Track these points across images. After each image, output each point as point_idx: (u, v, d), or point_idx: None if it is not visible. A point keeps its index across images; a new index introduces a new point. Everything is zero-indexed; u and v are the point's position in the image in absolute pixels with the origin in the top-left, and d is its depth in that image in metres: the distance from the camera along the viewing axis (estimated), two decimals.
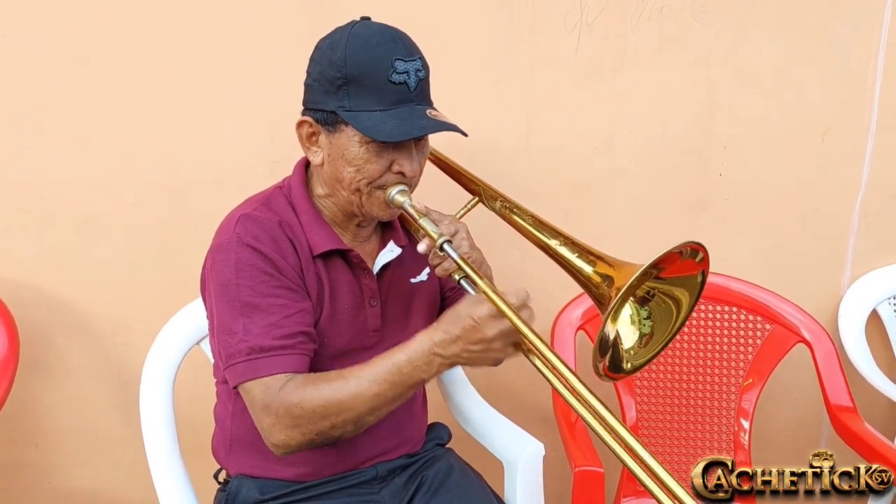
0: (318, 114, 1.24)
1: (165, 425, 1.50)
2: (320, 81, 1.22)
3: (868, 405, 1.89)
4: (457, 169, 1.50)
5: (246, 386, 1.21)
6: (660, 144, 1.94)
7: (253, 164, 1.83)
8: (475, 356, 1.15)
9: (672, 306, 1.19)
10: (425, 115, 1.21)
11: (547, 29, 1.83)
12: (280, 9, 1.76)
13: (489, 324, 1.12)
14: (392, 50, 1.19)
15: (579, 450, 1.56)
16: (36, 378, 1.93)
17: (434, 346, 1.15)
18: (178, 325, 1.57)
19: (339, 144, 1.23)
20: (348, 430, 1.20)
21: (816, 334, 1.84)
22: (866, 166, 2.00)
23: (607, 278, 1.15)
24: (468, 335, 1.13)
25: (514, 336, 1.13)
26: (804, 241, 2.03)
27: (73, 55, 1.75)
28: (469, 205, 1.44)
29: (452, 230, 1.28)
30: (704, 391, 1.90)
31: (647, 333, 1.20)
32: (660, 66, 1.89)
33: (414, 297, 1.42)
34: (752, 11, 1.87)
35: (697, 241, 1.11)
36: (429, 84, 1.26)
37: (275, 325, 1.21)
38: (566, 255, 1.22)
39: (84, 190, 1.83)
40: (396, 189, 1.25)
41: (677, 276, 1.17)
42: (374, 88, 1.19)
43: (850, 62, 1.93)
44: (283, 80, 1.80)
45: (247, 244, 1.23)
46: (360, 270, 1.34)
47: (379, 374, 1.17)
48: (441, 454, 1.50)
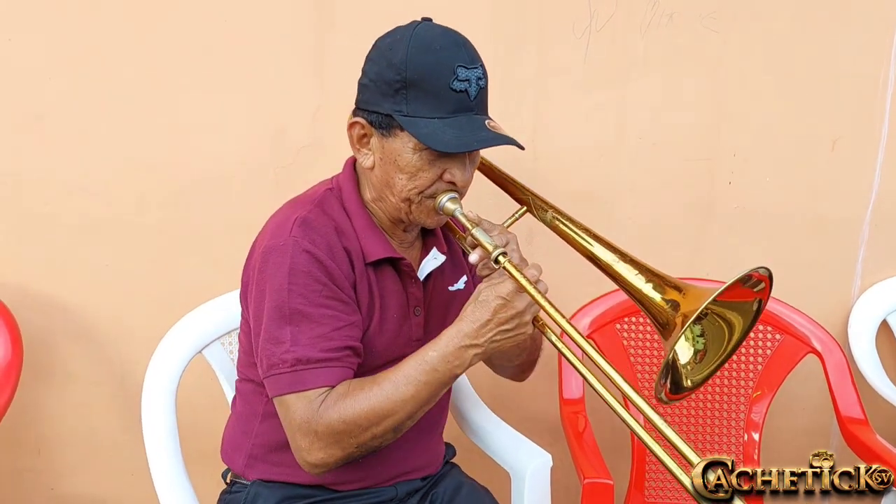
0: (372, 115, 1.20)
1: (167, 432, 1.48)
2: (377, 83, 1.18)
3: (879, 416, 1.87)
4: (504, 177, 1.43)
5: (286, 399, 1.17)
6: (668, 152, 1.93)
7: (257, 169, 1.83)
8: (508, 336, 1.16)
9: (724, 328, 1.18)
10: (484, 126, 1.18)
11: (555, 35, 1.83)
12: (285, 14, 1.76)
13: (517, 297, 1.14)
14: (455, 56, 1.16)
15: (588, 461, 1.55)
16: (38, 383, 1.92)
17: (465, 338, 1.15)
18: (180, 332, 1.56)
19: (391, 149, 1.19)
20: (388, 438, 1.18)
21: (827, 345, 1.83)
22: (877, 175, 1.98)
23: (671, 302, 1.13)
24: (499, 314, 1.14)
25: (537, 308, 1.16)
26: (814, 251, 2.01)
27: (77, 59, 1.75)
28: (517, 214, 1.36)
29: (504, 241, 1.23)
30: (714, 403, 1.88)
31: (700, 350, 1.18)
32: (668, 74, 1.88)
33: (451, 307, 1.37)
34: (761, 19, 1.86)
35: (765, 270, 1.11)
36: (487, 93, 1.22)
37: (324, 337, 1.17)
38: (624, 273, 1.20)
39: (88, 195, 1.82)
40: (447, 196, 1.22)
41: (732, 301, 1.15)
42: (434, 95, 1.15)
43: (861, 71, 1.92)
44: (287, 86, 1.81)
45: (304, 249, 1.19)
46: (408, 279, 1.31)
47: (413, 375, 1.15)
48: (447, 471, 1.48)
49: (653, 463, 1.86)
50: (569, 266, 1.70)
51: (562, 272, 1.90)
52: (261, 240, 1.27)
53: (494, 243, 1.18)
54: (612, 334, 1.85)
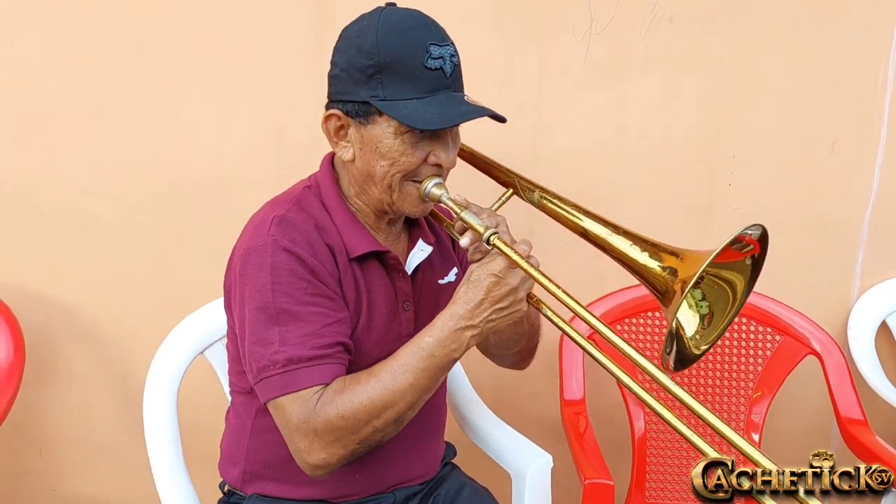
0: (347, 105, 1.17)
1: (169, 433, 1.49)
2: (349, 71, 1.15)
3: (878, 417, 1.87)
4: (486, 161, 1.38)
5: (280, 402, 1.13)
6: (668, 153, 1.93)
7: (259, 170, 1.83)
8: (504, 314, 1.15)
9: (727, 288, 1.15)
10: (464, 101, 1.16)
11: (555, 37, 1.83)
12: (285, 15, 1.76)
13: (510, 273, 1.13)
14: (426, 35, 1.14)
15: (589, 462, 1.55)
16: (40, 385, 1.92)
17: (460, 320, 1.13)
18: (182, 333, 1.56)
19: (371, 137, 1.16)
20: (390, 430, 1.15)
21: (826, 346, 1.83)
22: (876, 176, 1.99)
23: (669, 269, 1.10)
24: (493, 292, 1.13)
25: (531, 283, 1.15)
26: (814, 252, 2.01)
27: (78, 61, 1.75)
28: (504, 197, 1.32)
29: (494, 223, 1.19)
30: (714, 404, 1.88)
31: (706, 314, 1.16)
32: (668, 75, 1.88)
33: (441, 300, 1.33)
34: (760, 21, 1.87)
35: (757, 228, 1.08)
36: (461, 71, 1.19)
37: (314, 335, 1.14)
38: (618, 245, 1.17)
39: (89, 195, 1.82)
40: (433, 182, 1.19)
41: (725, 262, 1.12)
42: (409, 75, 1.12)
43: (860, 72, 1.92)
44: (289, 87, 1.81)
45: (283, 248, 1.16)
46: (395, 273, 1.28)
47: (410, 363, 1.13)
48: (448, 472, 1.47)
49: (653, 464, 1.86)
50: (569, 266, 1.72)
51: (562, 273, 1.89)
52: (240, 243, 1.23)
53: (486, 224, 1.16)
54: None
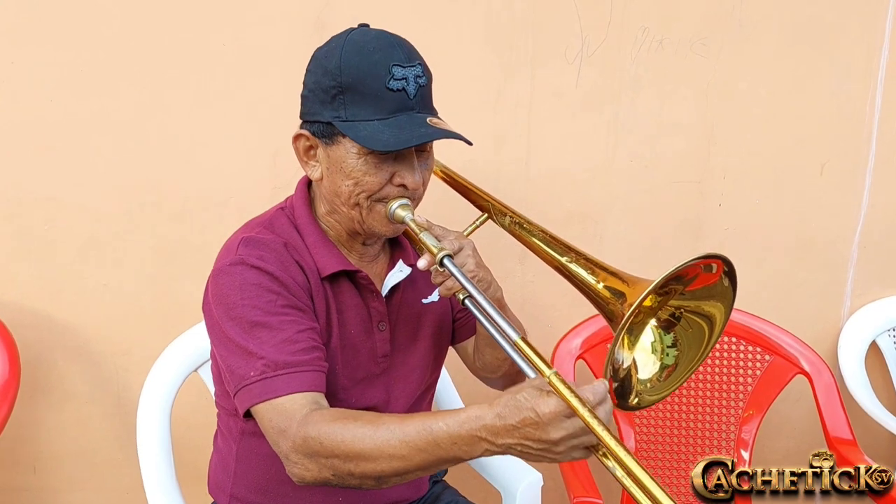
0: (314, 126, 1.18)
1: (162, 450, 1.50)
2: (315, 91, 1.16)
3: (867, 437, 1.89)
4: (465, 184, 1.41)
5: (260, 409, 1.09)
6: (659, 173, 1.95)
7: (255, 188, 1.84)
8: (532, 453, 0.96)
9: (704, 325, 1.07)
10: (426, 123, 1.14)
11: (547, 60, 1.86)
12: (283, 35, 1.78)
13: (555, 423, 0.92)
14: (389, 56, 1.13)
15: (578, 480, 1.56)
16: (35, 401, 1.92)
17: (483, 430, 0.96)
18: (177, 350, 1.58)
19: (336, 157, 1.16)
20: (368, 484, 1.05)
21: (816, 366, 1.84)
22: (865, 198, 2.01)
23: (619, 294, 1.04)
24: (527, 431, 0.94)
25: (585, 438, 0.93)
26: (803, 273, 2.03)
27: (77, 81, 1.77)
28: (478, 221, 1.34)
29: (457, 246, 1.19)
30: (704, 422, 1.89)
31: (669, 365, 1.07)
32: (659, 97, 1.91)
33: (423, 320, 1.33)
34: (749, 44, 1.90)
35: (712, 254, 1.00)
36: (430, 91, 1.19)
37: (288, 341, 1.12)
38: (577, 271, 1.13)
39: (85, 214, 1.84)
40: (398, 203, 1.18)
41: (703, 287, 1.05)
42: (371, 97, 1.12)
43: (849, 95, 1.95)
44: (285, 106, 1.79)
45: (251, 265, 1.15)
46: (368, 293, 1.27)
47: (412, 436, 1.00)
48: (440, 491, 1.48)
49: None
50: (561, 285, 1.72)
51: (553, 291, 1.92)
52: (213, 267, 1.22)
53: (441, 246, 1.14)
54: (603, 354, 1.86)
